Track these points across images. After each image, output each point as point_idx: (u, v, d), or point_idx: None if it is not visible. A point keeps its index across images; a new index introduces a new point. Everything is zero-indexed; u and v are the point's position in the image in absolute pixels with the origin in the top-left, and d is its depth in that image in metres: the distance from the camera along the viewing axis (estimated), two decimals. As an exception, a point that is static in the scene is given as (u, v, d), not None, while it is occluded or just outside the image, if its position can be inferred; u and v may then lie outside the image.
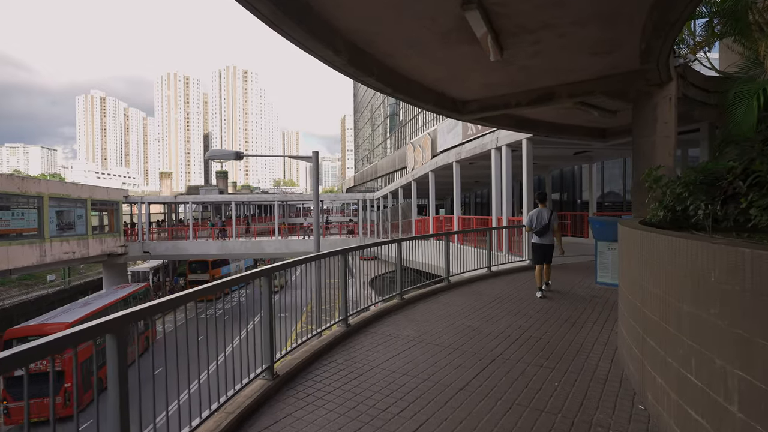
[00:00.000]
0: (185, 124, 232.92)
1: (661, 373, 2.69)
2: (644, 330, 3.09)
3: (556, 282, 8.18)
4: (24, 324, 18.27)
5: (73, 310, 20.25)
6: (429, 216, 18.64)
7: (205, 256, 32.49)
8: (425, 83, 6.53)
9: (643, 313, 3.12)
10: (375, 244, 6.67)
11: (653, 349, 2.85)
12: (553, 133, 10.06)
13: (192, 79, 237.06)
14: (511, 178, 11.63)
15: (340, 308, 5.25)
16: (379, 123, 79.04)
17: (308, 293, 5.26)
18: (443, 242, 8.00)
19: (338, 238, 32.33)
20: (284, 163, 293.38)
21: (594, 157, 16.43)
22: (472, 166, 17.01)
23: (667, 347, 2.58)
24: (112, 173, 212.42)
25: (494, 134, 12.31)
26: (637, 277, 3.37)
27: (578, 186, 20.56)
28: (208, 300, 15.66)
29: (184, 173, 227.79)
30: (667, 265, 2.60)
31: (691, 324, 2.27)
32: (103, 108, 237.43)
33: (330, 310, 5.63)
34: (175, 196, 31.99)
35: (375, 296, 22.38)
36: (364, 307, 5.86)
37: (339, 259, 5.29)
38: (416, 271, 8.53)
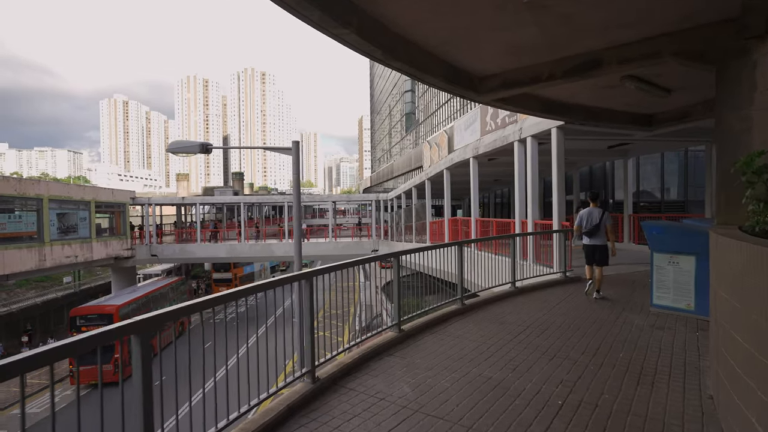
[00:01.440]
0: (204, 126, 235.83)
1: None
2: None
3: (603, 306, 6.52)
4: (85, 304, 23.65)
5: (123, 295, 25.17)
6: (444, 218, 17.03)
7: (213, 259, 31.54)
8: (429, 47, 4.99)
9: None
10: (371, 259, 5.16)
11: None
12: (588, 120, 8.36)
13: (211, 81, 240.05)
14: (537, 175, 9.97)
15: (303, 352, 3.74)
16: (395, 122, 77.59)
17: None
18: (457, 253, 6.43)
19: (350, 240, 30.93)
20: (302, 164, 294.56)
21: (630, 151, 14.57)
22: (491, 163, 15.35)
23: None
24: (134, 175, 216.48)
25: (517, 124, 10.66)
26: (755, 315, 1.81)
27: (610, 184, 18.64)
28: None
29: (204, 175, 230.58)
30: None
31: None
32: (125, 111, 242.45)
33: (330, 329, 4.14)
34: (182, 198, 31.10)
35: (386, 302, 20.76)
36: (346, 348, 4.34)
37: (355, 269, 3.78)
38: (430, 276, 7.15)
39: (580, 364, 4.15)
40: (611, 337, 4.95)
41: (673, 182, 19.02)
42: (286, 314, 4.03)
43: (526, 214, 10.27)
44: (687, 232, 5.73)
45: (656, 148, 13.93)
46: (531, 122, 9.94)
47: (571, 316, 5.91)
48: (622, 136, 10.66)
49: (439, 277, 7.13)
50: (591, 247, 7.01)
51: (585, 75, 5.32)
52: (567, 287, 7.87)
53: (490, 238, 7.56)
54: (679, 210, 18.79)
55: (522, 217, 10.54)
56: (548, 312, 6.15)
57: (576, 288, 7.81)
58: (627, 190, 14.81)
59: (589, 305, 6.52)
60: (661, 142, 11.81)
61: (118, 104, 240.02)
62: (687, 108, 8.30)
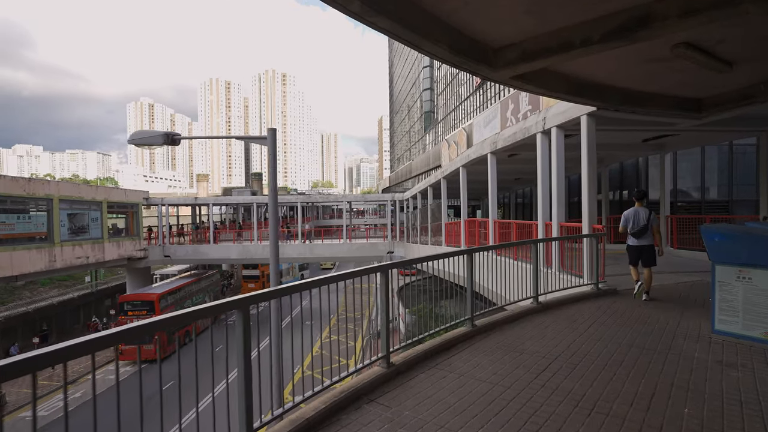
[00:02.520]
0: (227, 128, 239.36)
1: None
2: None
3: (649, 330, 5.29)
4: (131, 293, 27.88)
5: (163, 285, 29.01)
6: (461, 218, 15.82)
7: (225, 260, 31.06)
8: (429, 4, 3.90)
9: None
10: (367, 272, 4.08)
11: None
12: (625, 105, 7.10)
13: (233, 84, 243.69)
14: (563, 172, 8.72)
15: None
16: (414, 121, 76.38)
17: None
18: (467, 262, 5.31)
19: (365, 242, 29.95)
20: (322, 164, 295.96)
21: (666, 145, 13.09)
22: (512, 159, 14.09)
23: None
24: (159, 176, 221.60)
25: (540, 114, 9.43)
26: None
27: (643, 182, 17.07)
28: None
29: (226, 175, 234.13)
30: None
31: None
32: (151, 114, 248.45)
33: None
34: (195, 198, 30.73)
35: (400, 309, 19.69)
36: (308, 397, 3.28)
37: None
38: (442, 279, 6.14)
39: (630, 425, 2.99)
40: (667, 379, 3.75)
41: (715, 180, 17.31)
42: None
43: (550, 215, 9.03)
44: (764, 238, 4.46)
45: (698, 140, 12.41)
46: (556, 110, 8.71)
47: (608, 343, 4.72)
48: (662, 127, 9.29)
49: (456, 282, 6.12)
50: (638, 248, 6.68)
51: (631, 37, 4.13)
52: (600, 302, 6.63)
53: (507, 244, 6.40)
54: (723, 210, 17.06)
55: (546, 219, 9.30)
56: (579, 337, 4.96)
57: (611, 303, 6.57)
58: (664, 188, 13.33)
59: (629, 328, 5.30)
60: (707, 133, 10.35)
61: (144, 107, 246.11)
62: (748, 88, 6.94)
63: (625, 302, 6.64)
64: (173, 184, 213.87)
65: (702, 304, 6.40)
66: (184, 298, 27.99)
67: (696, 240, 12.57)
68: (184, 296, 28.04)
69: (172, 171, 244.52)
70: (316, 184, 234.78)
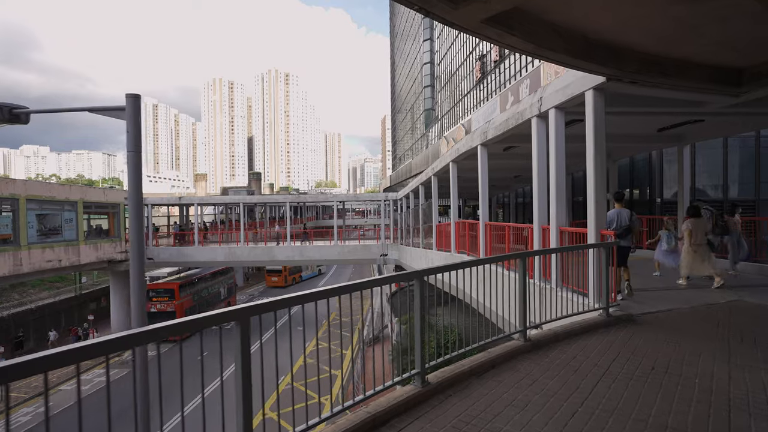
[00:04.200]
0: (230, 128, 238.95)
1: None
2: None
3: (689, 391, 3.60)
4: (154, 282, 31.07)
5: (183, 275, 32.14)
6: (451, 219, 14.12)
7: (211, 263, 29.55)
8: None
9: None
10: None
11: None
12: (647, 74, 5.41)
13: (236, 83, 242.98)
14: (563, 164, 7.02)
15: None
16: (416, 119, 74.68)
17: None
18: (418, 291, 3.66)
19: (357, 243, 28.30)
20: (326, 164, 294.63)
21: (685, 136, 11.32)
22: (508, 153, 12.40)
23: None
24: (162, 176, 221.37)
25: (536, 94, 7.73)
26: None
27: (657, 179, 15.30)
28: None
29: (229, 175, 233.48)
30: None
31: None
32: (155, 114, 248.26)
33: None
34: (180, 198, 29.25)
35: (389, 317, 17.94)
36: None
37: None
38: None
39: None
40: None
41: (738, 177, 15.49)
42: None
43: (547, 217, 7.33)
44: None
45: (726, 128, 10.60)
46: (555, 87, 7.01)
47: (628, 420, 3.04)
48: (686, 109, 7.55)
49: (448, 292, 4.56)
50: (621, 249, 6.48)
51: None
52: (611, 337, 4.94)
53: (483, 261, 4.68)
54: (749, 211, 15.23)
55: (542, 222, 7.60)
56: (581, 407, 3.27)
57: (627, 338, 4.88)
58: (683, 186, 11.54)
59: (658, 384, 3.61)
60: (739, 117, 8.56)
61: (148, 107, 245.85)
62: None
63: (646, 336, 4.94)
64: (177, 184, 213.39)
65: (753, 341, 4.70)
66: (200, 288, 31.66)
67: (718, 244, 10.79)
68: (201, 287, 31.64)
69: (176, 171, 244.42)
70: (320, 184, 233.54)
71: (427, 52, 65.04)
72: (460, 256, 12.85)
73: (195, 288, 30.83)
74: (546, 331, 4.90)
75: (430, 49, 64.20)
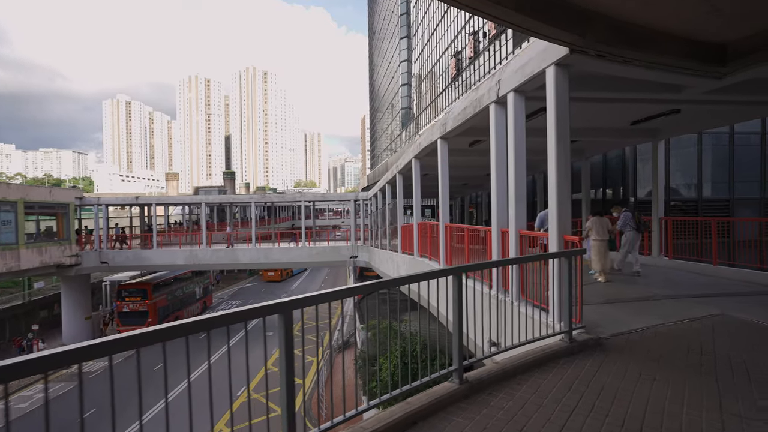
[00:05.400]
0: (207, 126, 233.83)
1: None
2: None
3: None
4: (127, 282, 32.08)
5: (157, 275, 32.09)
6: (413, 220, 13.06)
7: (171, 266, 27.87)
8: None
9: None
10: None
11: None
12: (617, 44, 4.43)
13: (213, 81, 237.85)
14: (524, 156, 6.01)
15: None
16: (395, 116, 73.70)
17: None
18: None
19: (326, 245, 27.08)
20: (306, 164, 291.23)
21: (661, 131, 10.57)
22: (476, 149, 11.43)
23: None
24: (136, 176, 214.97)
25: (494, 77, 6.71)
26: None
27: (631, 178, 14.59)
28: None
29: (205, 175, 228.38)
30: None
31: None
32: (128, 112, 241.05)
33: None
34: (136, 198, 27.44)
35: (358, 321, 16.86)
36: None
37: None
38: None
39: None
40: None
41: (712, 176, 14.91)
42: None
43: (507, 219, 6.31)
44: None
45: (705, 120, 9.78)
46: (514, 67, 5.99)
47: None
48: (664, 95, 6.64)
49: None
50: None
51: None
52: (573, 370, 3.92)
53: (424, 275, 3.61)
54: (723, 211, 14.65)
55: (501, 225, 6.58)
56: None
57: (592, 372, 3.88)
58: (657, 184, 10.76)
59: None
60: (721, 105, 7.70)
61: (121, 105, 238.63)
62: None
63: (616, 368, 3.94)
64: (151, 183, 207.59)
65: (746, 374, 3.74)
66: (175, 288, 32.26)
67: (694, 247, 10.05)
68: (175, 287, 32.25)
69: (150, 170, 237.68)
70: (299, 184, 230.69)
71: (404, 50, 64.18)
72: (422, 260, 11.82)
73: (169, 288, 31.56)
74: (491, 366, 3.84)
75: (407, 47, 63.35)
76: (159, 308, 29.97)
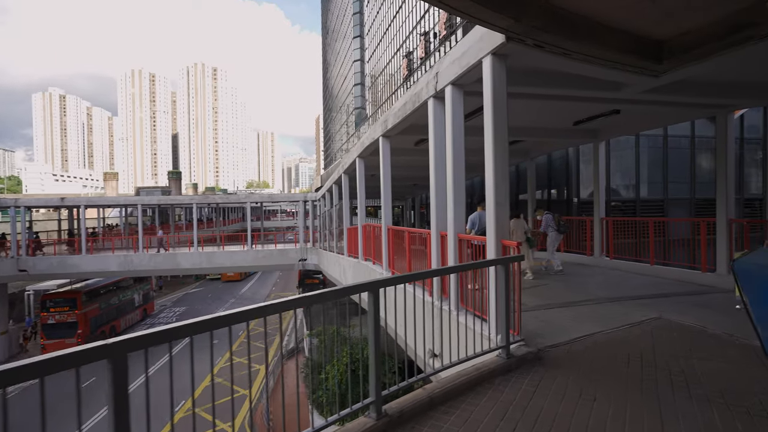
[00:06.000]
0: (152, 124, 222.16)
1: None
2: None
3: None
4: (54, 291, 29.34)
5: (89, 282, 29.71)
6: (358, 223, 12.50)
7: (102, 273, 25.70)
8: None
9: None
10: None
11: None
12: (553, 32, 4.09)
13: (158, 76, 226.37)
14: (462, 154, 5.62)
15: None
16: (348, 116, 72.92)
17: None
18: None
19: (273, 248, 25.97)
20: (259, 164, 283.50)
21: (602, 132, 10.66)
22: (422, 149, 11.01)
23: None
24: (73, 175, 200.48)
25: (432, 70, 6.29)
26: None
27: (574, 179, 14.82)
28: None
29: (151, 175, 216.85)
30: None
31: None
32: (62, 107, 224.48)
33: None
34: (62, 199, 25.04)
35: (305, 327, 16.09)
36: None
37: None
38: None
39: None
40: None
41: (648, 176, 15.45)
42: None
43: (446, 222, 5.90)
44: None
45: (643, 122, 9.94)
46: (451, 58, 5.58)
47: None
48: (604, 93, 6.48)
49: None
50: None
51: None
52: (509, 391, 3.51)
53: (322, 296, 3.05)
54: (658, 211, 15.20)
55: (441, 228, 6.16)
56: None
57: (527, 391, 3.48)
58: (598, 185, 10.86)
59: None
60: (658, 106, 7.72)
61: (54, 99, 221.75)
62: (744, 12, 4.16)
63: (555, 387, 3.57)
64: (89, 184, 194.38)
65: (686, 387, 3.47)
66: (110, 296, 29.72)
67: (633, 247, 10.20)
68: (110, 295, 29.76)
69: (89, 170, 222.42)
70: (251, 184, 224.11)
71: (357, 50, 63.64)
72: (366, 264, 11.30)
73: (103, 296, 29.29)
74: (417, 394, 3.34)
75: (360, 47, 62.85)
76: (90, 318, 27.36)
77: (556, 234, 9.56)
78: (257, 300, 39.80)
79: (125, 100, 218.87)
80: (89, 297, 27.79)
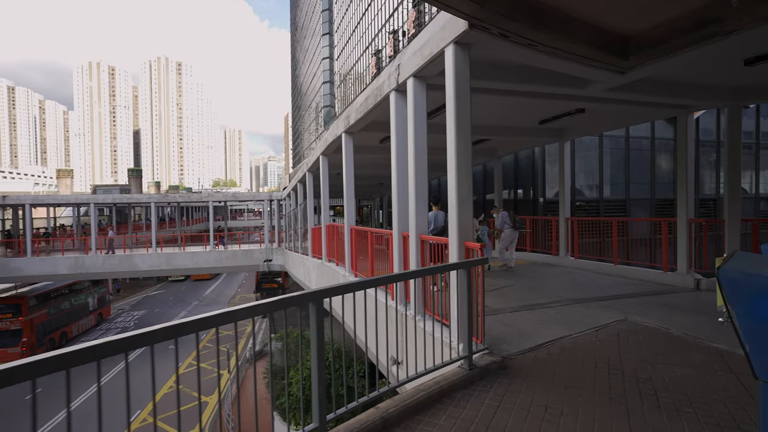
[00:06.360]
0: (111, 119, 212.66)
1: None
2: None
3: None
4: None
5: (36, 287, 27.11)
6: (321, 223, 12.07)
7: (51, 277, 24.08)
8: None
9: None
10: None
11: None
12: (518, 19, 3.83)
13: (119, 70, 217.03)
14: (425, 151, 5.33)
15: None
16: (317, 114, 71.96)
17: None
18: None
19: (237, 249, 25.09)
20: (226, 162, 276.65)
21: (567, 131, 10.65)
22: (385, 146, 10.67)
23: None
24: (23, 172, 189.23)
25: (394, 62, 5.98)
26: None
27: (540, 179, 14.89)
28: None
29: (110, 172, 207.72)
30: None
31: None
32: (11, 99, 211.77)
33: None
34: (3, 197, 23.29)
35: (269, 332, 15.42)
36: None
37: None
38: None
39: None
40: None
41: (611, 177, 15.73)
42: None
43: (408, 222, 5.59)
44: None
45: (607, 121, 9.98)
46: (413, 48, 5.28)
47: None
48: (570, 89, 6.33)
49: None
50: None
51: None
52: (471, 406, 3.22)
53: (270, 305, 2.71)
54: (621, 211, 15.49)
55: (403, 228, 5.85)
56: None
57: (491, 406, 3.20)
58: (564, 185, 10.84)
59: None
60: (623, 105, 7.68)
61: (2, 91, 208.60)
62: (709, 7, 4.03)
63: (520, 400, 3.31)
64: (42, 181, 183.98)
65: (654, 395, 3.28)
66: (60, 300, 27.76)
67: (597, 246, 10.25)
68: (60, 299, 27.79)
69: (42, 167, 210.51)
70: (217, 183, 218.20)
71: (326, 47, 62.82)
72: (329, 266, 10.89)
73: (53, 300, 27.43)
74: (371, 414, 3.00)
75: (329, 44, 62.07)
76: (37, 325, 25.48)
77: (511, 231, 9.61)
78: (221, 302, 38.53)
79: (82, 94, 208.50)
80: (37, 302, 25.97)
